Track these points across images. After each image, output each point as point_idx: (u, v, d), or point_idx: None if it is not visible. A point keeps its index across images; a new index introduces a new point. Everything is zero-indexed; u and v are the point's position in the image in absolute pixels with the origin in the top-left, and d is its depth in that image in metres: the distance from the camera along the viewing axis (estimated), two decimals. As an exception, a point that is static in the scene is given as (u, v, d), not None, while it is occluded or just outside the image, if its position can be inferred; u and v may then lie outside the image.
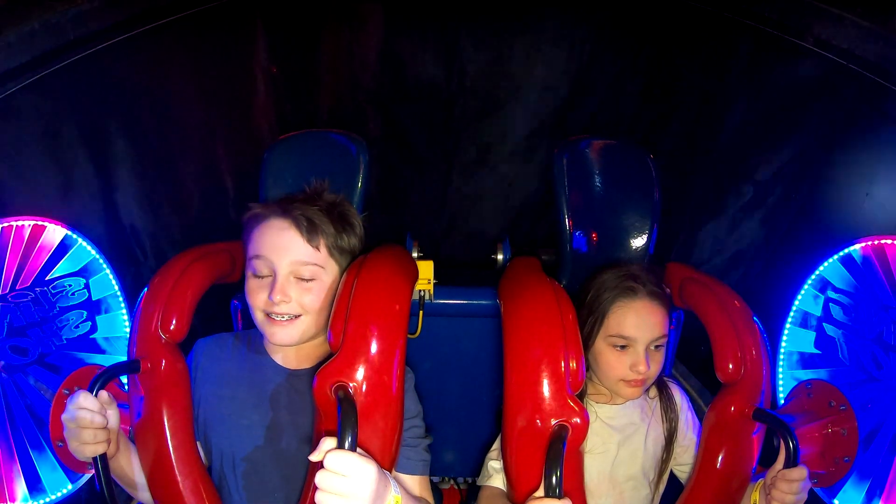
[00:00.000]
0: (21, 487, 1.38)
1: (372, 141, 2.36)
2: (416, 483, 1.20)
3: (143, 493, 1.22)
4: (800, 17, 1.51)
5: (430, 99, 2.49)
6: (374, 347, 1.08)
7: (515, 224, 2.80)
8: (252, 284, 1.22)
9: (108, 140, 1.66)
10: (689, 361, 2.07)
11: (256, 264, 1.21)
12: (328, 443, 0.91)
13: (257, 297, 1.20)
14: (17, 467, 1.38)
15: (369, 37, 2.41)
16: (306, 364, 1.27)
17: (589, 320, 1.33)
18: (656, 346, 1.31)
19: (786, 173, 1.79)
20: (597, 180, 1.58)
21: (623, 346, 1.30)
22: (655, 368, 1.30)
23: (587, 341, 1.32)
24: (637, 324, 1.29)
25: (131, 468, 1.21)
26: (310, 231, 1.20)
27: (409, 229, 1.80)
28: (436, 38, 2.39)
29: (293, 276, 1.19)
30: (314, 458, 0.91)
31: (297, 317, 1.19)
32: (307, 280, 1.20)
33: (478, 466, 1.40)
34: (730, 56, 1.96)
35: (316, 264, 1.20)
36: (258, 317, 1.22)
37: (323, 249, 1.21)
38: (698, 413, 1.43)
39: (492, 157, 2.64)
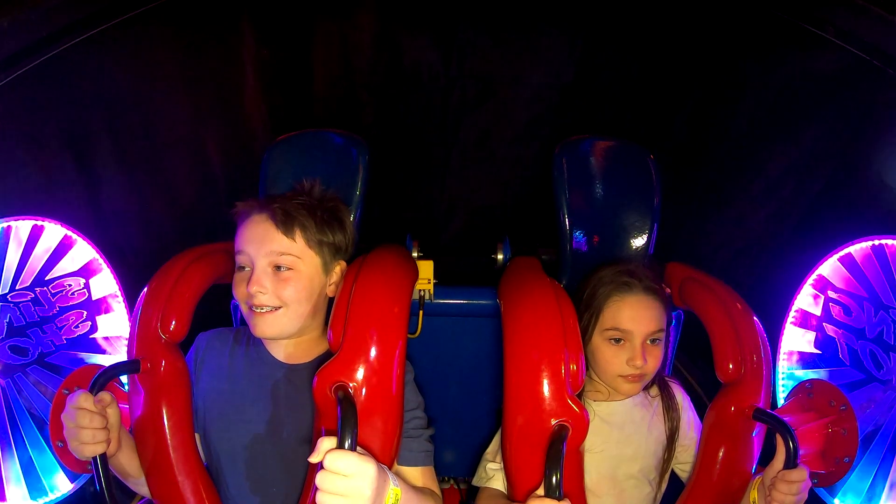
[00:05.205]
0: (21, 487, 1.38)
1: (367, 127, 2.31)
2: (419, 474, 1.20)
3: (145, 489, 1.22)
4: (821, 5, 1.44)
5: (428, 83, 2.42)
6: (373, 348, 1.08)
7: (515, 211, 2.76)
8: (236, 279, 1.24)
9: (92, 137, 1.63)
10: (690, 353, 2.04)
11: (238, 259, 1.23)
12: (326, 443, 0.91)
13: (239, 290, 1.22)
14: (18, 467, 1.38)
15: (363, 20, 2.33)
16: (305, 359, 1.28)
17: (585, 316, 1.34)
18: (653, 341, 1.31)
19: (796, 169, 1.76)
20: (597, 180, 1.58)
21: (619, 340, 1.30)
22: (653, 364, 1.31)
23: (584, 337, 1.31)
24: (632, 316, 1.29)
25: (133, 464, 1.21)
26: (285, 222, 1.21)
27: (407, 217, 1.77)
28: (434, 21, 2.32)
29: (270, 268, 1.20)
30: (313, 459, 0.91)
31: (276, 308, 1.20)
32: (284, 270, 1.21)
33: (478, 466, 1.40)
34: (743, 45, 1.93)
35: (291, 254, 1.21)
36: (243, 310, 1.24)
37: (300, 240, 1.22)
38: (699, 409, 1.43)
39: (492, 143, 2.61)
